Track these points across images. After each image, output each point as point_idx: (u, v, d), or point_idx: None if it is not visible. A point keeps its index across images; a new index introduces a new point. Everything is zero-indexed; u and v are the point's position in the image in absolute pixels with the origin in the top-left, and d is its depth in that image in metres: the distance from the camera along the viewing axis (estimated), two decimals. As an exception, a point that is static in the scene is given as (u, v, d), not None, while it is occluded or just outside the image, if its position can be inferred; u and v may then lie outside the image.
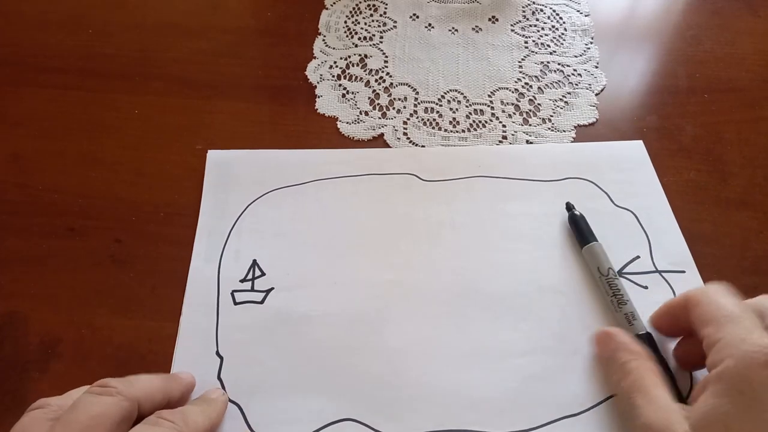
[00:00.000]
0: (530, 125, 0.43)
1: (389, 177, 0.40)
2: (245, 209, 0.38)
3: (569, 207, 0.37)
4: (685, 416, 0.25)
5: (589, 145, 0.42)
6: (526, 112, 0.44)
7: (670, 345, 0.31)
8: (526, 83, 0.46)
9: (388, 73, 0.47)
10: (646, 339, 0.31)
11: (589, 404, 0.31)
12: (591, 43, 0.49)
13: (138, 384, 0.27)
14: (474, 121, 0.44)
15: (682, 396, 0.29)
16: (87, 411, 0.25)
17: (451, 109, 0.45)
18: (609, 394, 0.31)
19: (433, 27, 0.51)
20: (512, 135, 0.43)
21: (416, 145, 0.42)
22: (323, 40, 0.50)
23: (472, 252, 0.36)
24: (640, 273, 0.35)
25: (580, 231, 0.36)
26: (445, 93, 0.46)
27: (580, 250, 0.36)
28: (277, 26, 0.51)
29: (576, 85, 0.46)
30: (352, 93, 0.46)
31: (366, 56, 0.48)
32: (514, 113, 0.44)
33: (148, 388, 0.28)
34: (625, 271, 0.35)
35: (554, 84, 0.46)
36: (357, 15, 0.52)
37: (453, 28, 0.51)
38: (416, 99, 0.45)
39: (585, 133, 0.43)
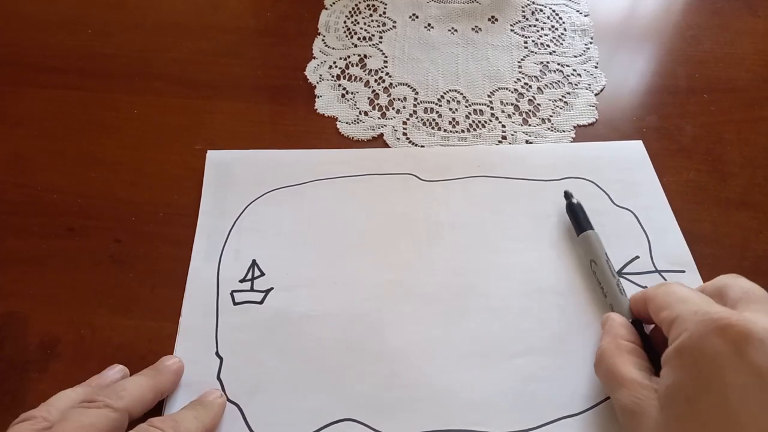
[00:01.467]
0: (530, 125, 0.43)
1: (389, 177, 0.40)
2: (245, 209, 0.38)
3: (567, 195, 0.37)
4: (655, 391, 0.26)
5: (589, 145, 0.42)
6: (526, 113, 0.44)
7: None
8: (526, 83, 0.46)
9: (387, 73, 0.47)
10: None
11: (588, 404, 0.31)
12: (590, 43, 0.49)
13: (125, 392, 0.28)
14: (473, 121, 0.44)
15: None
16: (76, 421, 0.26)
17: (450, 109, 0.45)
18: (607, 394, 0.31)
19: (432, 27, 0.51)
20: (512, 135, 0.43)
21: (416, 145, 0.42)
22: (323, 40, 0.50)
23: (471, 252, 0.36)
24: (640, 273, 0.35)
25: (577, 219, 0.36)
26: (445, 93, 0.46)
27: (576, 238, 0.36)
28: (277, 26, 0.51)
29: (575, 85, 0.46)
30: (352, 93, 0.46)
31: (365, 56, 0.48)
32: (514, 113, 0.44)
33: (136, 392, 0.28)
34: (624, 271, 0.35)
35: (554, 84, 0.46)
36: (356, 15, 0.52)
37: (452, 28, 0.51)
38: (416, 99, 0.45)
39: (585, 133, 0.43)
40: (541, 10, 0.52)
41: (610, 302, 0.33)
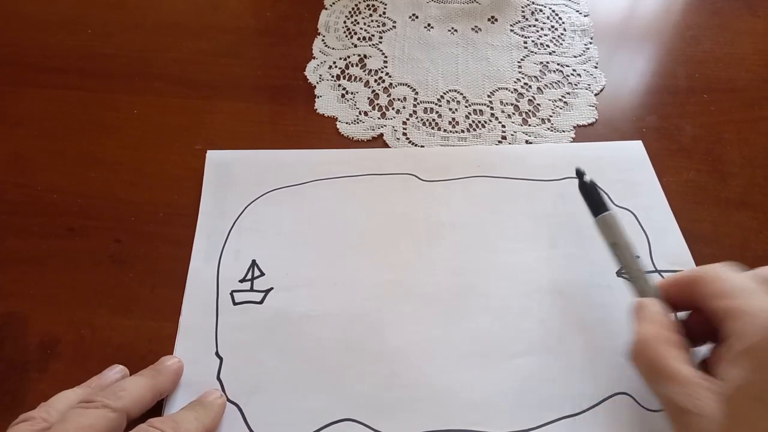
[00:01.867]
0: (529, 125, 0.43)
1: (389, 177, 0.40)
2: (244, 209, 0.38)
3: (579, 173, 0.34)
4: (715, 392, 0.24)
5: (589, 145, 0.42)
6: (526, 113, 0.44)
7: None
8: (526, 83, 0.46)
9: (387, 74, 0.47)
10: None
11: (588, 404, 0.31)
12: (590, 43, 0.49)
13: (124, 393, 0.28)
14: (473, 122, 0.44)
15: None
16: (75, 422, 0.26)
17: (450, 109, 0.45)
18: (608, 393, 0.31)
19: (432, 27, 0.51)
20: (511, 135, 0.43)
21: (416, 145, 0.42)
22: (322, 40, 0.50)
23: (471, 252, 0.36)
24: (640, 273, 0.35)
25: (592, 200, 0.33)
26: (445, 93, 0.46)
27: (594, 220, 0.33)
28: (277, 26, 0.51)
29: (575, 85, 0.46)
30: (352, 93, 0.46)
31: (365, 56, 0.48)
32: (514, 113, 0.44)
33: (135, 392, 0.28)
34: (624, 270, 0.35)
35: (553, 84, 0.46)
36: (356, 15, 0.52)
37: (452, 28, 0.51)
38: (415, 99, 0.45)
39: (584, 133, 0.43)
40: (540, 10, 0.52)
41: (639, 288, 0.30)
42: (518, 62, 0.48)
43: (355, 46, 0.49)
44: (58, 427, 0.26)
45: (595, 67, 0.47)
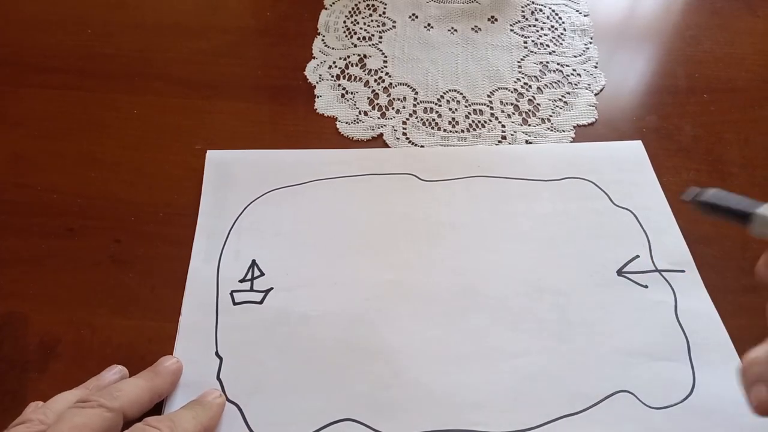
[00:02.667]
0: (529, 125, 0.43)
1: (389, 177, 0.40)
2: (244, 209, 0.38)
3: (692, 196, 0.26)
4: None
5: (589, 145, 0.42)
6: (526, 112, 0.44)
7: None
8: (526, 83, 0.46)
9: (387, 73, 0.47)
10: None
11: (588, 403, 0.31)
12: (590, 43, 0.49)
13: (121, 393, 0.28)
14: (473, 121, 0.44)
15: None
16: (69, 422, 0.26)
17: (450, 109, 0.45)
18: (609, 392, 0.31)
19: (432, 27, 0.51)
20: (511, 135, 0.43)
21: (415, 145, 0.42)
22: (322, 40, 0.50)
23: (471, 252, 0.36)
24: (640, 272, 0.35)
25: (731, 209, 0.26)
26: (445, 93, 0.46)
27: (750, 226, 0.26)
28: (277, 26, 0.51)
29: (575, 85, 0.46)
30: (351, 93, 0.46)
31: (365, 56, 0.48)
32: (514, 113, 0.44)
33: (132, 393, 0.28)
34: (625, 270, 0.35)
35: (553, 84, 0.46)
36: (356, 15, 0.52)
37: (452, 28, 0.51)
38: (415, 99, 0.45)
39: (584, 133, 0.43)
40: (540, 10, 0.52)
41: None
42: (518, 62, 0.48)
43: (355, 46, 0.49)
44: (53, 428, 0.25)
45: (595, 67, 0.47)
